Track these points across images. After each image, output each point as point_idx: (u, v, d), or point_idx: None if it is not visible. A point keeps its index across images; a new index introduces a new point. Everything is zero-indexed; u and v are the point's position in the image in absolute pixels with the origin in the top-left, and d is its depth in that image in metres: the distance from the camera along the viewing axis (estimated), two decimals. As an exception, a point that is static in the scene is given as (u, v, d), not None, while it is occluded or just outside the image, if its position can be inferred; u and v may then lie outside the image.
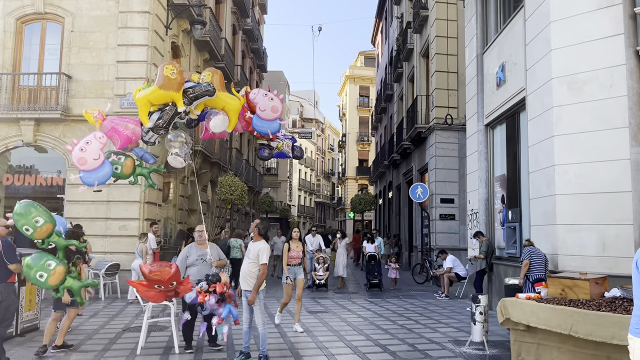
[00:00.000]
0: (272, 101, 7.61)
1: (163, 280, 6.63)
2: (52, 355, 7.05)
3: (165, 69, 6.70)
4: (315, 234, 15.99)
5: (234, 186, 17.44)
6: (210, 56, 20.05)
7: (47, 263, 6.45)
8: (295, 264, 9.03)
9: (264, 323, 6.68)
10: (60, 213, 14.53)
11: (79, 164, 6.81)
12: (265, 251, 6.68)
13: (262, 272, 6.61)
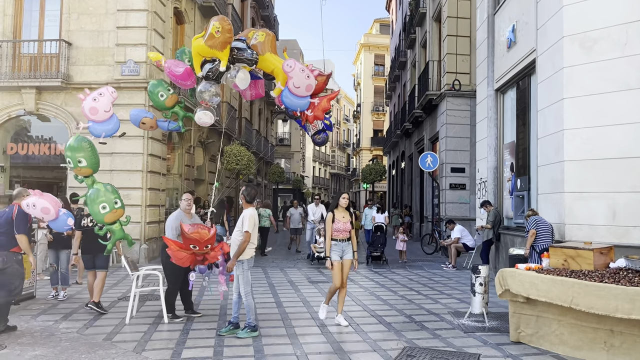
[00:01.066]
0: (308, 79, 6.95)
1: (200, 241, 6.48)
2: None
3: (213, 26, 6.55)
4: (318, 203, 15.41)
5: (240, 155, 17.19)
6: (216, 23, 19.55)
7: (115, 200, 6.83)
8: (343, 238, 7.04)
9: (248, 293, 6.47)
10: (62, 183, 14.51)
11: (90, 113, 6.94)
12: (248, 218, 6.43)
13: (243, 239, 6.39)
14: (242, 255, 6.50)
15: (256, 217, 6.62)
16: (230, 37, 6.61)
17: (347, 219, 7.09)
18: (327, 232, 7.05)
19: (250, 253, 6.61)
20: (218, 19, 6.57)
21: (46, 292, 9.05)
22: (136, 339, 6.23)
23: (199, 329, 6.72)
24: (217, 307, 8.10)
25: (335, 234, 7.00)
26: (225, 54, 6.67)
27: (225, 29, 6.49)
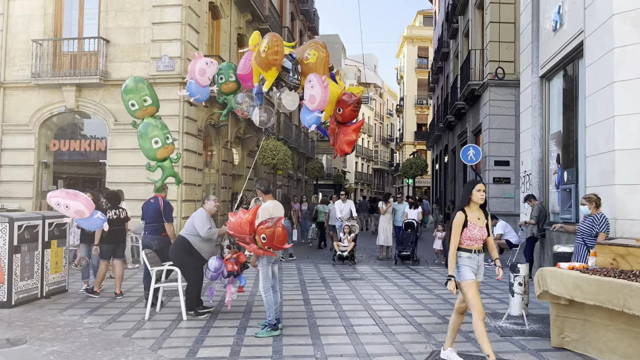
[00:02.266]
0: (311, 89, 6.21)
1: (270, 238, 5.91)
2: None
3: (261, 43, 6.23)
4: (345, 199, 14.30)
5: (276, 150, 17.02)
6: (252, 17, 19.46)
7: (167, 135, 7.01)
8: (478, 248, 4.97)
9: (267, 289, 6.23)
10: (102, 178, 14.72)
11: (199, 74, 7.02)
12: (262, 211, 6.21)
13: None
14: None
15: (272, 209, 6.34)
16: (276, 58, 6.10)
17: (483, 221, 5.03)
18: (453, 240, 4.89)
19: None
20: (270, 37, 6.15)
21: (78, 287, 9.11)
22: (155, 335, 6.09)
23: (220, 327, 6.51)
24: (244, 304, 7.89)
25: (469, 242, 4.91)
26: (271, 75, 6.30)
27: (272, 50, 6.03)
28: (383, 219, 13.81)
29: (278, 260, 6.55)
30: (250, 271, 10.60)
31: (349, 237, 12.73)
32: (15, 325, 6.50)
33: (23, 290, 7.76)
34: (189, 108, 14.07)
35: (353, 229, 12.95)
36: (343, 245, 12.64)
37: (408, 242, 12.87)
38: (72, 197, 7.20)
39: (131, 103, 7.01)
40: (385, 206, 13.75)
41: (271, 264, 6.36)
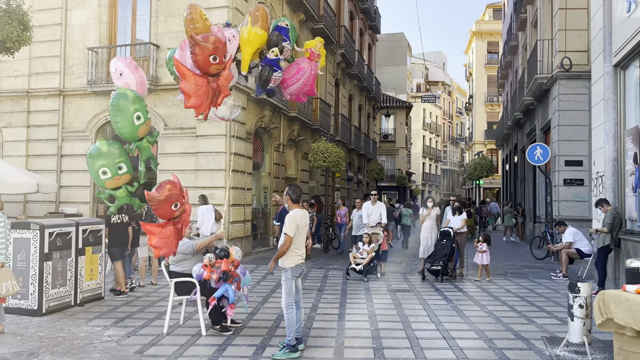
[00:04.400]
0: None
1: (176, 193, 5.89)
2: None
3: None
4: (376, 201, 12.04)
5: (327, 152, 16.48)
6: (306, 17, 19.06)
7: (119, 165, 6.08)
8: None
9: (289, 306, 5.70)
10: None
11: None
12: (289, 220, 5.70)
13: (283, 242, 5.70)
14: (285, 262, 5.80)
15: (299, 218, 5.78)
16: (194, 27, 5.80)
17: None
18: None
19: (294, 261, 5.82)
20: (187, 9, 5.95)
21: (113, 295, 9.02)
22: (167, 353, 5.71)
23: (238, 345, 6.04)
24: (273, 317, 7.39)
25: None
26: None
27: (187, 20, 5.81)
28: (424, 228, 11.97)
29: (302, 272, 5.99)
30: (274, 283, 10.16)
31: (367, 247, 10.77)
32: (35, 336, 6.37)
33: (55, 298, 7.70)
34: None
35: (374, 238, 11.00)
36: (361, 257, 10.71)
37: (441, 255, 10.73)
38: (133, 68, 6.48)
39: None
40: (426, 212, 12.03)
41: (296, 277, 5.86)
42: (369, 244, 10.84)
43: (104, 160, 5.91)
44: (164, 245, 5.99)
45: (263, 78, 6.40)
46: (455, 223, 11.38)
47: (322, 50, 6.84)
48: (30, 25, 9.53)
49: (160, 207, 5.84)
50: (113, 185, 6.07)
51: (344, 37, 24.48)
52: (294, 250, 5.83)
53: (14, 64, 15.36)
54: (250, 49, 6.25)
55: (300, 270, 5.93)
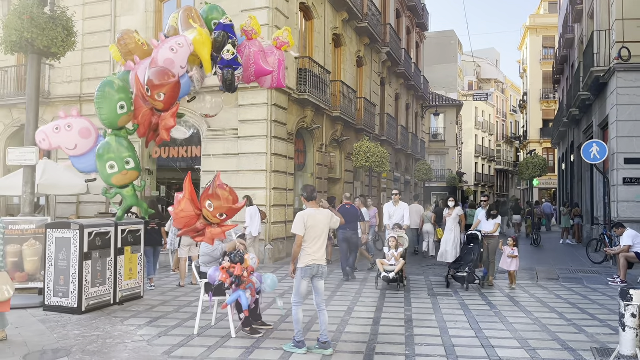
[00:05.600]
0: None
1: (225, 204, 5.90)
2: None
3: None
4: (398, 202, 11.50)
5: (370, 152, 16.18)
6: (349, 16, 18.85)
7: (127, 160, 6.10)
8: None
9: (296, 304, 5.85)
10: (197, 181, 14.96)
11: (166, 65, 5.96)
12: (296, 219, 5.77)
13: (294, 243, 5.76)
14: (297, 261, 5.84)
15: (307, 216, 5.70)
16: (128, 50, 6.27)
17: None
18: None
19: (305, 261, 5.77)
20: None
21: (154, 294, 9.15)
22: (195, 355, 5.66)
23: (266, 348, 5.91)
24: (306, 320, 7.22)
25: None
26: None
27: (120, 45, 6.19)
28: (449, 230, 11.44)
29: (320, 274, 5.85)
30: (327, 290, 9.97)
31: (395, 252, 9.82)
32: (71, 334, 6.48)
33: (94, 296, 7.85)
34: (278, 111, 13.81)
35: (401, 242, 10.14)
36: (389, 263, 9.72)
37: (468, 260, 9.91)
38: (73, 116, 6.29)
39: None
40: (447, 212, 11.45)
41: (307, 278, 5.79)
42: (395, 249, 9.86)
43: (111, 154, 5.92)
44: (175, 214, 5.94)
45: (228, 82, 6.35)
46: (487, 226, 10.46)
47: (289, 37, 6.98)
48: (74, 31, 9.79)
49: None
50: (120, 181, 6.05)
51: (389, 36, 24.09)
52: (305, 250, 5.76)
53: (67, 71, 16.00)
54: (207, 49, 6.21)
55: (314, 272, 5.80)
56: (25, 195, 9.13)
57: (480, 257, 10.01)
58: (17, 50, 9.37)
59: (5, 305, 6.06)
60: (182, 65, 6.07)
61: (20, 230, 8.61)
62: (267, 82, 7.01)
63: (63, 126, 6.03)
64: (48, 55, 9.66)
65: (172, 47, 5.88)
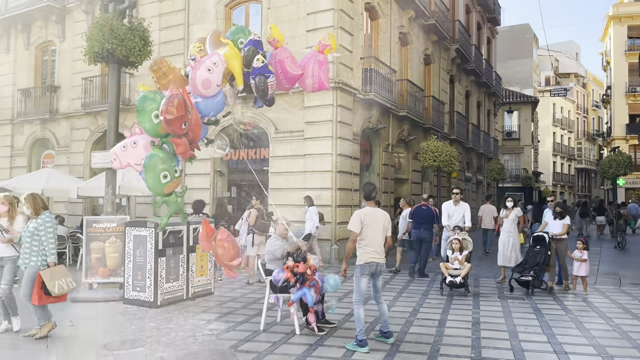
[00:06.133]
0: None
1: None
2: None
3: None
4: (459, 201, 10.78)
5: (438, 151, 15.86)
6: (416, 14, 18.59)
7: (175, 168, 6.42)
8: None
9: (357, 302, 5.89)
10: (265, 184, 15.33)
11: (203, 86, 6.19)
12: (353, 216, 5.92)
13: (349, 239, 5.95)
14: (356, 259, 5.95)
15: (363, 215, 5.86)
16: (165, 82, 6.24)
17: None
18: None
19: (363, 258, 5.86)
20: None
21: (224, 290, 9.48)
22: (259, 350, 5.82)
23: (329, 346, 5.97)
24: (367, 323, 7.20)
25: None
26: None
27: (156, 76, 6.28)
28: (502, 231, 10.68)
29: (378, 272, 5.97)
30: (389, 289, 9.88)
31: (459, 256, 9.22)
32: (147, 326, 6.87)
33: (168, 291, 8.26)
34: (343, 112, 13.88)
35: (465, 245, 9.47)
36: (453, 267, 9.16)
37: (533, 264, 9.27)
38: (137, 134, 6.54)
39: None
40: (505, 213, 10.72)
41: (366, 275, 5.89)
42: (460, 252, 9.25)
43: (163, 165, 6.14)
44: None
45: (261, 88, 6.44)
46: (555, 228, 9.75)
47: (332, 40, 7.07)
48: (150, 41, 10.38)
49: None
50: (170, 189, 6.31)
51: (458, 32, 23.50)
52: (364, 248, 5.86)
53: (146, 79, 16.87)
54: (238, 61, 6.38)
55: (373, 269, 5.89)
56: (107, 195, 9.78)
57: (547, 260, 9.34)
58: (99, 60, 10.05)
59: (62, 297, 6.34)
60: (218, 83, 6.32)
61: (102, 228, 9.25)
62: (308, 85, 7.10)
63: (129, 144, 6.41)
64: (127, 64, 10.30)
65: (208, 67, 6.16)
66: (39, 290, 6.06)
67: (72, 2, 18.56)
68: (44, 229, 6.18)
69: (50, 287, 6.00)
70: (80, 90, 17.94)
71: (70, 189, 13.64)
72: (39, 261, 6.21)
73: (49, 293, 6.04)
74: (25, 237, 6.22)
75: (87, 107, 17.71)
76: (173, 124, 5.85)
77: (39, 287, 6.06)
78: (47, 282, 6.00)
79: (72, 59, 18.27)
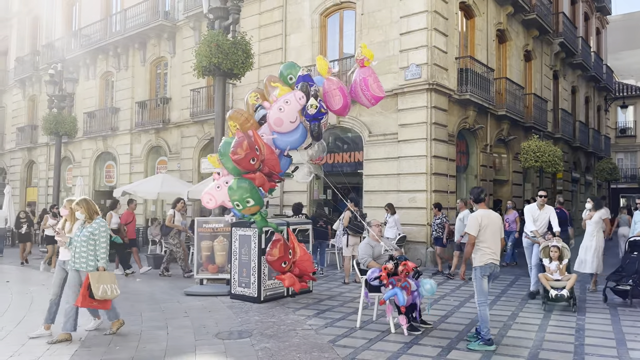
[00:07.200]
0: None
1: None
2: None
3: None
4: (544, 204, 9.27)
5: (540, 151, 15.18)
6: (514, 9, 17.94)
7: (247, 200, 7.31)
8: None
9: (482, 303, 5.98)
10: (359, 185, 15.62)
11: (275, 124, 6.93)
12: (470, 219, 6.02)
13: (467, 241, 6.08)
14: (474, 260, 6.04)
15: (480, 218, 5.91)
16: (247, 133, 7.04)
17: None
18: None
19: (483, 259, 5.96)
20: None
21: (322, 289, 9.88)
22: (356, 345, 6.09)
23: (424, 345, 6.09)
24: (463, 325, 7.20)
25: None
26: None
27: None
28: (585, 235, 9.71)
29: (496, 273, 6.13)
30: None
31: (560, 265, 8.35)
32: (252, 319, 7.41)
33: (270, 288, 8.80)
34: (437, 113, 13.79)
35: (564, 253, 8.50)
36: (554, 278, 8.23)
37: (631, 272, 8.48)
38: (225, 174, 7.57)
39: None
40: (587, 215, 9.82)
41: (486, 276, 6.00)
42: (559, 260, 8.41)
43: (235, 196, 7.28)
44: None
45: (315, 133, 7.07)
46: None
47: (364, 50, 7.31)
48: (252, 53, 11.09)
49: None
50: (247, 213, 7.49)
51: (562, 25, 22.26)
52: (483, 249, 5.94)
53: (247, 88, 17.87)
54: None
55: (492, 270, 5.98)
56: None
57: None
58: (207, 73, 10.93)
59: (106, 304, 6.38)
60: (292, 120, 6.91)
61: (211, 228, 10.05)
62: (365, 103, 7.52)
63: (222, 184, 7.44)
64: (231, 76, 11.08)
65: (280, 106, 6.70)
66: (85, 292, 6.15)
67: (182, 20, 20.12)
68: (98, 233, 6.30)
69: (94, 289, 6.08)
70: (189, 101, 19.41)
71: (181, 193, 14.83)
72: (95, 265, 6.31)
73: (92, 296, 6.15)
74: (81, 241, 6.28)
75: (195, 116, 19.10)
76: (241, 162, 6.71)
77: (85, 288, 6.16)
78: (93, 284, 6.09)
79: (181, 72, 19.83)
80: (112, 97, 23.50)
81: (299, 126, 7.09)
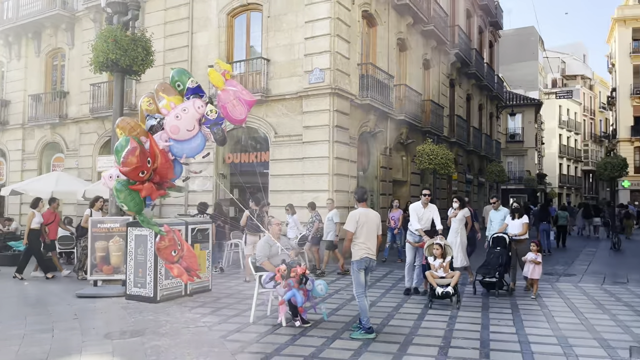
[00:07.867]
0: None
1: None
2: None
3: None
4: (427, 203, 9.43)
5: (433, 154, 16.28)
6: (414, 20, 19.02)
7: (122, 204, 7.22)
8: None
9: (359, 295, 6.52)
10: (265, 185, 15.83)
11: (171, 132, 6.90)
12: (349, 217, 6.53)
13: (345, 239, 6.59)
14: (352, 256, 6.52)
15: (358, 215, 6.42)
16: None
17: None
18: None
19: (359, 254, 6.46)
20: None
21: (221, 288, 9.99)
22: (247, 339, 6.33)
23: (311, 336, 6.47)
24: (351, 317, 7.66)
25: None
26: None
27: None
28: (449, 232, 10.21)
29: (371, 267, 6.60)
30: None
31: (443, 262, 8.59)
32: (146, 319, 7.40)
33: (167, 288, 8.79)
34: (340, 117, 14.35)
35: (447, 250, 8.76)
36: (439, 275, 8.44)
37: (496, 265, 9.25)
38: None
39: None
40: (452, 213, 10.36)
41: (362, 269, 6.48)
42: (442, 258, 8.63)
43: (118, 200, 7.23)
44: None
45: (220, 138, 7.18)
46: (515, 228, 9.82)
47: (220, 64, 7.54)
48: (152, 50, 10.94)
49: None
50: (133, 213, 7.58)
51: (458, 37, 23.90)
52: (359, 245, 6.42)
53: (152, 84, 17.40)
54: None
55: (367, 264, 6.48)
56: (111, 197, 10.33)
57: (509, 261, 9.47)
58: (104, 69, 10.64)
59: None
60: (189, 128, 6.90)
61: (106, 228, 9.82)
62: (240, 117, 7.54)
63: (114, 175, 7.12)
64: (130, 73, 10.87)
65: (177, 114, 6.88)
66: None
67: (81, 11, 19.22)
68: None
69: None
70: (89, 96, 18.61)
71: (78, 191, 14.24)
72: None
73: None
74: None
75: (95, 112, 18.35)
76: (129, 174, 6.64)
77: None
78: None
79: (80, 65, 18.92)
80: (2, 88, 21.91)
81: (197, 134, 7.11)
